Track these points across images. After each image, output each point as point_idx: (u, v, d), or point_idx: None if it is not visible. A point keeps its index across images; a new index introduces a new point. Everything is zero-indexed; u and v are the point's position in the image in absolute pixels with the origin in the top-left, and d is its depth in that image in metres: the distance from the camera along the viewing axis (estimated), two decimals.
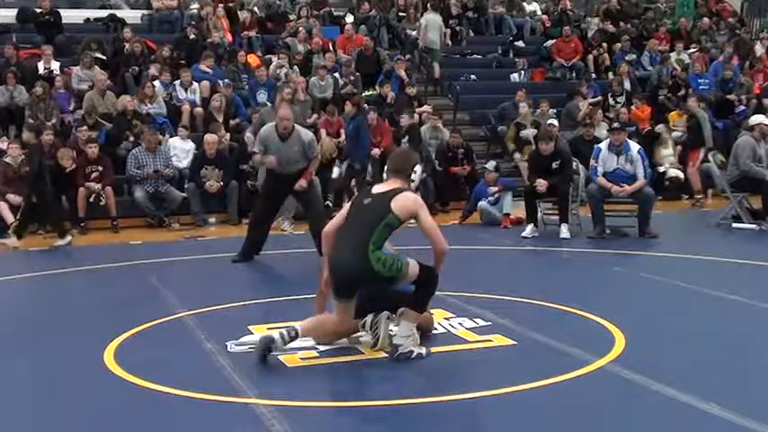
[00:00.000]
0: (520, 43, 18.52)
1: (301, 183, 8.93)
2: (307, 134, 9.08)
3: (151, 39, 15.93)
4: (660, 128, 14.68)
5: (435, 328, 5.91)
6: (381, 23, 18.03)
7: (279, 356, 5.38)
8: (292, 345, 5.35)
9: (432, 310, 5.96)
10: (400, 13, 18.43)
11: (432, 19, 17.20)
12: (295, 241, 10.16)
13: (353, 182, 12.73)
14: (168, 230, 11.77)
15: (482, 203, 11.81)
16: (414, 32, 17.67)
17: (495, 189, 11.69)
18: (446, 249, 5.36)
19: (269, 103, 13.91)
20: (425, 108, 14.95)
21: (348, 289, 5.37)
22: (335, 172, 12.89)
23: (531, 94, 15.38)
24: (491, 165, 12.35)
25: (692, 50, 18.21)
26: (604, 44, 17.91)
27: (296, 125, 8.97)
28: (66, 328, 6.50)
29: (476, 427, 4.25)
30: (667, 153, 14.30)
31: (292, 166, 8.87)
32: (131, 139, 12.74)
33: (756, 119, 11.57)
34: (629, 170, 10.08)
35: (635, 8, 20.21)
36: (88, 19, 17.34)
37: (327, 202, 12.03)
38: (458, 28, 18.43)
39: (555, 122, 13.48)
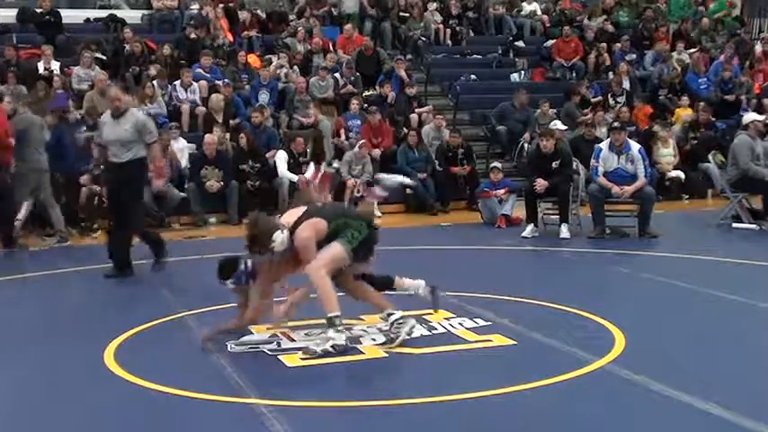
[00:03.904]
0: (520, 43, 18.49)
1: (158, 183, 9.15)
2: (141, 116, 8.75)
3: (151, 39, 15.91)
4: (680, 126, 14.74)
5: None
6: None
7: (279, 356, 5.40)
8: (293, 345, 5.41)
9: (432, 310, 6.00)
10: (401, 13, 18.40)
11: None
12: None
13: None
14: (168, 230, 11.75)
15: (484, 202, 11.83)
16: (417, 32, 17.66)
17: (502, 192, 11.69)
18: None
19: (266, 105, 13.91)
20: (426, 108, 14.97)
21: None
22: None
23: (531, 94, 15.39)
24: (498, 164, 12.39)
25: (692, 50, 18.20)
26: (604, 44, 17.90)
27: (133, 109, 8.76)
28: (67, 328, 6.50)
29: (476, 427, 4.25)
30: (667, 152, 14.28)
31: (125, 149, 8.32)
32: None
33: (750, 117, 11.54)
34: (630, 170, 10.08)
35: (635, 8, 20.19)
36: (88, 19, 17.33)
37: None
38: (458, 28, 18.39)
39: (560, 125, 13.09)
